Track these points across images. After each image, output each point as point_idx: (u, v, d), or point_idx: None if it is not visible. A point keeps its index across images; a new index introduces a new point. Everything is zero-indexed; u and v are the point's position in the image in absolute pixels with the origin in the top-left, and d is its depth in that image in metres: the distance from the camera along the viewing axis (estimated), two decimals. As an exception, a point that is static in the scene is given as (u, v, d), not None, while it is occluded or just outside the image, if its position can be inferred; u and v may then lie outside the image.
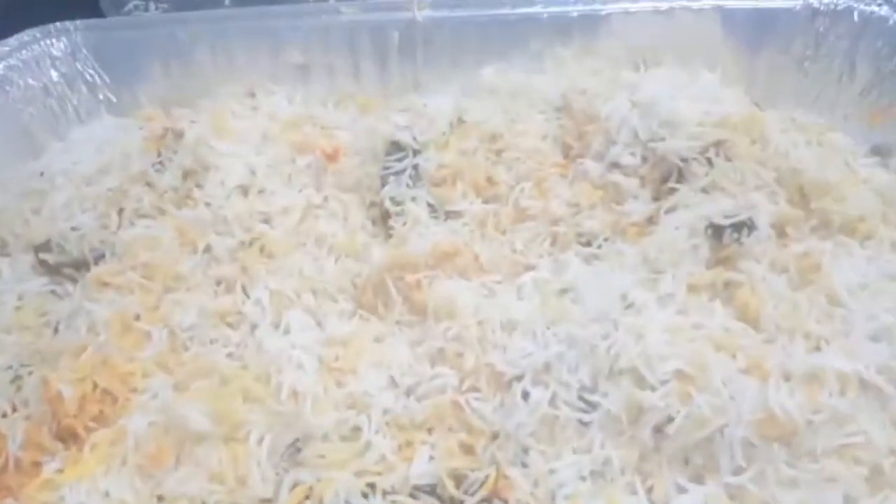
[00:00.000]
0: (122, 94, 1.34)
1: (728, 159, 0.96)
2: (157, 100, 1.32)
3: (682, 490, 0.72)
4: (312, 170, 1.16)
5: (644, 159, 1.00)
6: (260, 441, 0.76)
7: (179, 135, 1.19)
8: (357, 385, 0.80)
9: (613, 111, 1.03)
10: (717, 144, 0.97)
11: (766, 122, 1.01)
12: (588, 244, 0.97)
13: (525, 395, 0.77)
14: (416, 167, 1.08)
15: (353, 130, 1.22)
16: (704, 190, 0.94)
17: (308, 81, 1.34)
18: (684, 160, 0.97)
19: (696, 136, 0.97)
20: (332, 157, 1.18)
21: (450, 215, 1.03)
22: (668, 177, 0.98)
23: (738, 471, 0.71)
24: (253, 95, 1.31)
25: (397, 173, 1.07)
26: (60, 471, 0.80)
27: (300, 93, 1.32)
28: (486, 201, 1.05)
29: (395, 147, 1.10)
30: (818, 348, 0.75)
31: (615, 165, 1.01)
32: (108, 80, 1.35)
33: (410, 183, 1.06)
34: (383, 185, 1.07)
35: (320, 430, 0.77)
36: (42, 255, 1.01)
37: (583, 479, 0.74)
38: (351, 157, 1.15)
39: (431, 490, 0.75)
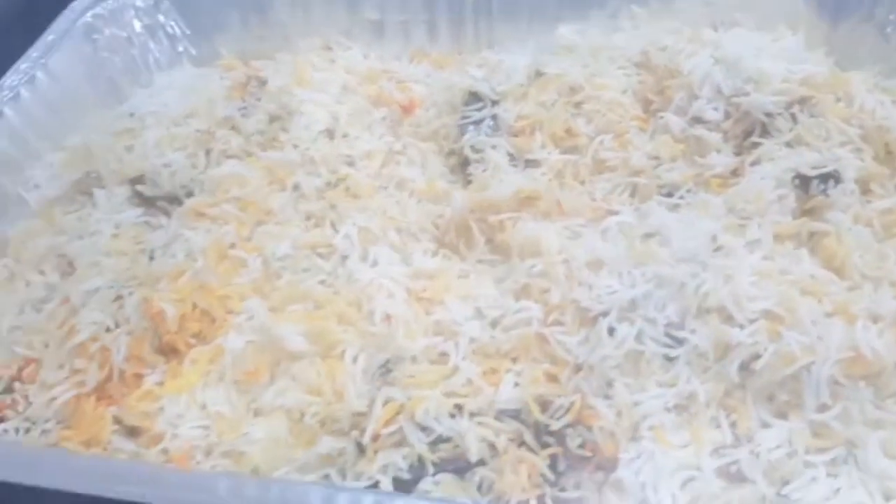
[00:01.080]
0: (202, 45, 1.39)
1: (813, 115, 0.96)
2: (235, 51, 1.37)
3: (766, 425, 0.74)
4: (388, 122, 1.19)
5: (727, 114, 1.01)
6: (355, 359, 0.80)
7: (263, 82, 1.22)
8: (444, 314, 0.83)
9: (696, 66, 1.04)
10: (802, 101, 0.98)
11: (851, 81, 1.01)
12: (670, 195, 0.98)
13: (611, 331, 0.79)
14: (494, 117, 1.10)
15: (427, 84, 1.24)
16: (789, 144, 0.95)
17: (383, 37, 1.37)
18: (769, 115, 0.97)
19: (781, 91, 0.98)
20: (407, 109, 1.21)
21: (529, 164, 1.05)
22: (751, 132, 0.99)
23: (822, 408, 0.72)
24: (329, 49, 1.34)
25: (476, 122, 1.10)
26: (161, 383, 0.85)
27: (375, 49, 1.35)
28: (564, 152, 1.06)
29: (474, 97, 1.13)
30: (906, 295, 0.76)
31: (697, 120, 1.02)
32: (188, 31, 1.40)
33: (489, 132, 1.09)
34: (462, 133, 1.09)
35: (410, 352, 0.80)
36: (137, 188, 1.06)
37: (668, 410, 0.76)
38: (427, 110, 1.18)
39: (516, 415, 0.78)
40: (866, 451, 0.71)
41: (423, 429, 0.76)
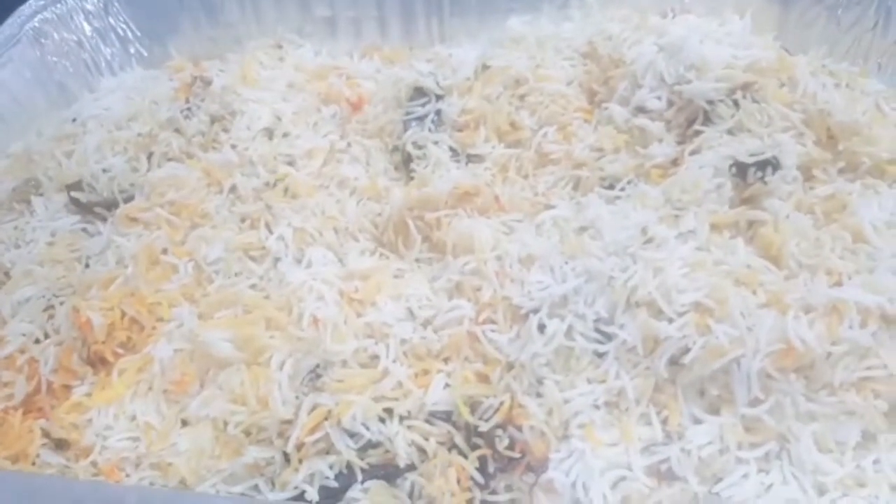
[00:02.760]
0: (153, 47, 1.38)
1: (755, 101, 0.94)
2: (187, 53, 1.35)
3: (697, 421, 0.72)
4: (337, 119, 1.17)
5: (670, 103, 0.99)
6: (281, 365, 0.78)
7: (208, 82, 1.20)
8: (376, 315, 0.81)
9: (639, 55, 1.02)
10: (745, 87, 0.96)
11: (796, 65, 0.99)
12: (611, 187, 0.96)
13: (541, 328, 0.77)
14: (438, 112, 1.08)
15: (377, 80, 1.23)
16: (730, 132, 0.93)
17: (335, 34, 1.36)
18: (710, 103, 0.95)
19: (724, 78, 0.96)
20: (356, 106, 1.19)
21: (471, 159, 1.03)
22: (693, 120, 0.97)
23: (754, 402, 0.71)
24: (280, 47, 1.33)
25: (420, 118, 1.08)
26: (89, 394, 0.83)
27: (327, 46, 1.34)
28: (509, 146, 1.05)
29: (419, 93, 1.11)
30: (839, 283, 0.74)
31: (640, 109, 1.00)
32: (139, 34, 1.38)
33: (433, 127, 1.07)
34: (405, 129, 1.07)
35: (339, 356, 0.78)
36: (74, 194, 1.04)
37: (597, 408, 0.74)
38: (374, 105, 1.16)
39: (447, 417, 0.76)
40: (799, 445, 0.69)
41: (352, 435, 0.75)
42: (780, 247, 0.80)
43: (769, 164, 0.86)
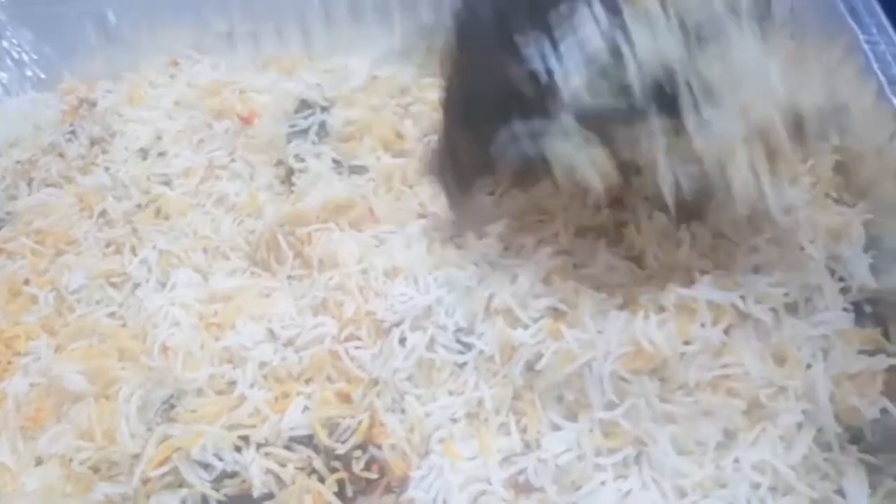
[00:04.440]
0: (51, 69, 1.34)
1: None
2: (84, 75, 1.31)
3: (555, 427, 0.71)
4: (231, 134, 1.14)
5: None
6: (129, 397, 0.75)
7: (93, 104, 1.18)
8: (234, 339, 0.78)
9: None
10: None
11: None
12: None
13: (402, 341, 0.75)
14: (322, 124, 1.06)
15: (272, 93, 1.20)
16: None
17: (234, 48, 1.34)
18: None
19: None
20: (247, 120, 1.16)
21: (355, 170, 1.01)
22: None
23: (610, 406, 0.69)
24: (177, 64, 1.30)
25: (303, 130, 1.06)
26: (-56, 435, 0.79)
27: (226, 60, 1.32)
28: (395, 156, 1.03)
29: (303, 105, 1.09)
30: (693, 281, 0.73)
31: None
32: (35, 56, 1.35)
33: (316, 139, 1.05)
34: (289, 143, 1.05)
35: (193, 384, 0.75)
36: (-58, 226, 1.00)
37: (455, 421, 0.72)
38: (265, 120, 1.14)
39: (308, 441, 0.74)
40: (657, 448, 0.68)
41: (205, 466, 0.72)
42: (643, 247, 0.78)
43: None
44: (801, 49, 0.81)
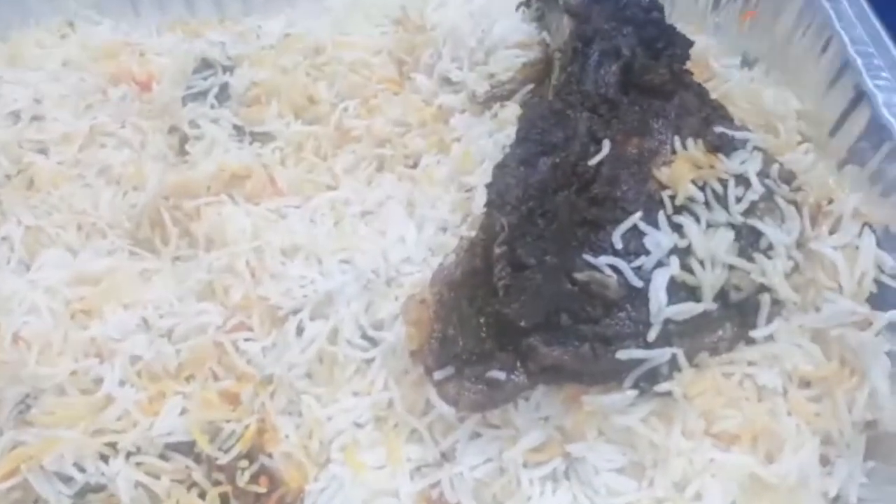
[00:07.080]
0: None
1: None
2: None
3: (475, 435, 0.61)
4: (128, 100, 1.01)
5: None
6: (-29, 397, 0.62)
7: (-30, 66, 1.03)
8: (101, 329, 0.66)
9: (442, 19, 0.91)
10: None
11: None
12: (415, 166, 0.85)
13: (300, 332, 0.65)
14: (224, 86, 0.94)
15: (174, 56, 1.07)
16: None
17: (137, 10, 1.22)
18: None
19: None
20: (144, 84, 1.04)
21: (258, 138, 0.90)
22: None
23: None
24: (72, 24, 1.16)
25: (201, 93, 0.94)
26: None
27: (128, 22, 1.19)
28: (306, 122, 0.92)
29: (204, 64, 0.97)
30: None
31: (445, 80, 0.89)
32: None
33: (216, 103, 0.93)
34: (184, 106, 0.93)
35: (52, 381, 0.64)
36: None
37: (360, 426, 0.62)
38: (164, 85, 1.01)
39: (188, 449, 0.63)
40: (585, 462, 0.59)
41: (65, 479, 0.61)
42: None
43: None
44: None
